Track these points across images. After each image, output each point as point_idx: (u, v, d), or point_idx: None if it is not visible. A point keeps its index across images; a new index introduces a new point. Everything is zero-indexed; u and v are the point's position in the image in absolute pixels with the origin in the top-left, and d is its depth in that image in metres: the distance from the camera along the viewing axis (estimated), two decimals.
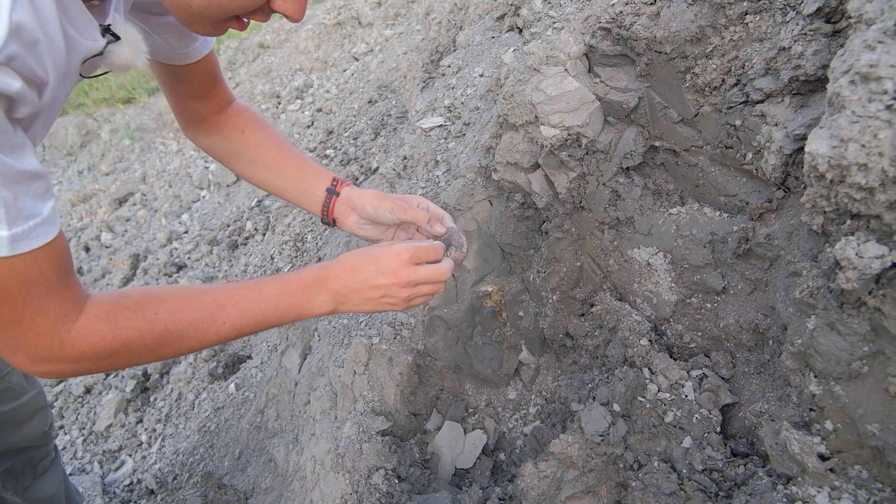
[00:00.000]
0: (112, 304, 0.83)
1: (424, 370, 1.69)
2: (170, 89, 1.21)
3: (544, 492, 1.35)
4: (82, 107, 6.76)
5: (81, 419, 2.66)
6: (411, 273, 0.97)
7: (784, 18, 1.16)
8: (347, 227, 1.21)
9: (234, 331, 0.92)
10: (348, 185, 1.21)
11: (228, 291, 0.92)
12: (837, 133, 0.85)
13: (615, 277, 1.61)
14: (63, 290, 0.78)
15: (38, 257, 0.73)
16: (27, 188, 0.70)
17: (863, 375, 0.97)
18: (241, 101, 1.30)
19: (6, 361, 1.43)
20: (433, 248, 1.01)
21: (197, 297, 0.89)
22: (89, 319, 0.80)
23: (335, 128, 3.70)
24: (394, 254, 0.96)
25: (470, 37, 2.37)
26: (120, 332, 0.81)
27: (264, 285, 0.95)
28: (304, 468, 1.59)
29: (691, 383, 1.36)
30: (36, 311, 0.75)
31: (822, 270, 1.01)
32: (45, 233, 0.73)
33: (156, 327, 0.84)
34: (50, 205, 0.74)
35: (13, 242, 0.69)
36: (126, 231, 4.36)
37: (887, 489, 0.99)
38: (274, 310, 0.94)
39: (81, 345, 0.79)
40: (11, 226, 0.68)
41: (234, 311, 0.90)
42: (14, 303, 0.73)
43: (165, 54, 1.10)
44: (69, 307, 0.78)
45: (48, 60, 0.69)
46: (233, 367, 2.63)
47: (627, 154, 1.49)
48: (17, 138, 0.69)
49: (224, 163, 1.30)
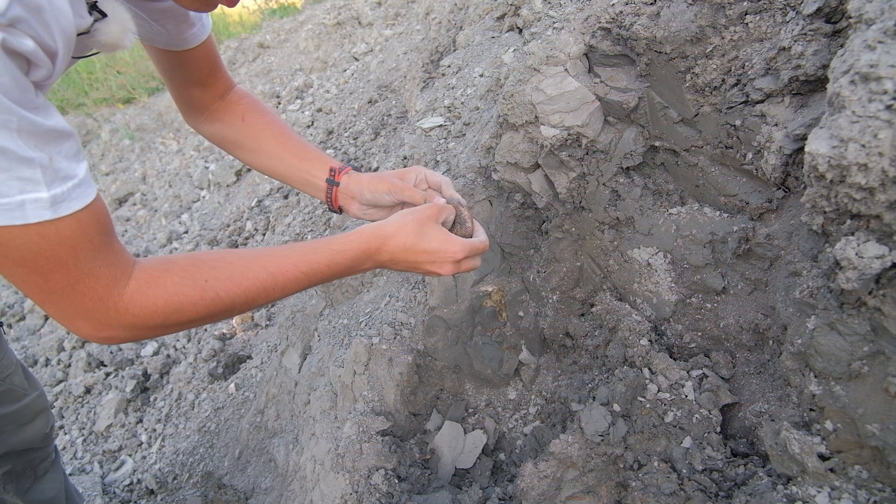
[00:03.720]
0: (160, 269, 0.82)
1: (424, 370, 1.69)
2: (170, 76, 1.21)
3: (544, 492, 1.35)
4: (82, 107, 6.75)
5: (81, 419, 2.66)
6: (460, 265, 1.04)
7: (784, 18, 1.16)
8: (353, 213, 1.23)
9: (283, 295, 0.94)
10: (346, 172, 1.22)
11: (278, 259, 0.92)
12: (837, 133, 0.85)
13: (615, 277, 1.61)
14: (110, 253, 0.77)
15: (82, 220, 0.71)
16: (59, 148, 0.69)
17: (863, 375, 0.97)
18: (241, 87, 1.31)
19: (6, 364, 1.45)
20: (482, 244, 1.08)
21: (246, 264, 0.89)
22: (139, 284, 0.79)
23: (335, 128, 3.70)
24: (451, 254, 1.01)
25: (470, 37, 2.37)
26: (171, 297, 0.81)
27: (313, 254, 0.95)
28: (304, 468, 1.59)
29: (691, 383, 1.36)
30: (88, 275, 0.74)
31: (822, 270, 1.01)
32: (85, 194, 0.72)
33: (206, 294, 0.84)
34: (84, 166, 0.73)
35: (55, 204, 0.67)
36: (126, 231, 4.36)
37: (887, 489, 0.99)
38: (322, 277, 0.97)
39: (136, 309, 0.78)
40: (50, 187, 0.67)
41: (284, 279, 0.91)
42: (66, 269, 0.72)
43: (163, 40, 1.10)
44: (118, 271, 0.78)
45: (55, 28, 0.68)
46: (233, 367, 2.63)
47: (627, 154, 1.49)
48: (38, 100, 0.68)
49: (226, 150, 1.31)
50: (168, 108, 5.95)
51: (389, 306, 1.80)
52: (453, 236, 1.04)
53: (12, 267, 0.70)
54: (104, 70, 6.98)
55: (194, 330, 2.92)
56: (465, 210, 1.13)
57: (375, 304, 1.87)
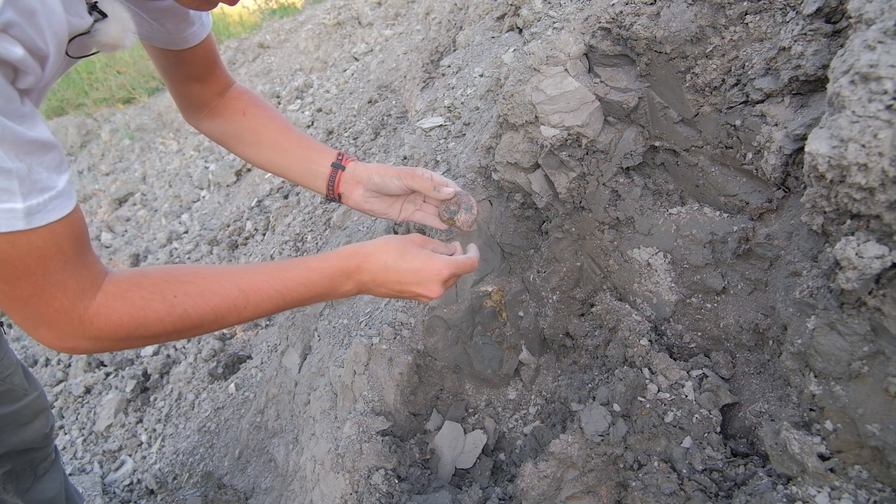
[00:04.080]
0: (130, 283, 0.82)
1: (424, 370, 1.69)
2: (169, 74, 1.21)
3: (544, 492, 1.35)
4: (82, 107, 6.76)
5: (81, 419, 2.66)
6: (446, 286, 1.01)
7: (784, 18, 1.16)
8: (353, 201, 1.21)
9: (255, 315, 0.92)
10: (353, 160, 1.21)
11: (250, 276, 0.90)
12: (837, 133, 0.85)
13: (615, 277, 1.61)
14: (80, 265, 0.76)
15: (55, 231, 0.71)
16: (40, 159, 0.68)
17: (863, 375, 0.97)
18: (240, 84, 1.30)
19: (6, 363, 1.45)
20: (469, 262, 1.04)
21: (217, 280, 0.88)
22: (106, 298, 0.79)
23: (335, 128, 3.70)
24: (436, 271, 0.99)
25: (470, 37, 2.37)
26: (137, 312, 0.80)
27: (287, 271, 0.93)
28: (304, 468, 1.59)
29: (691, 383, 1.36)
30: (55, 286, 0.74)
31: (822, 270, 1.01)
32: (61, 206, 0.71)
33: (174, 310, 0.83)
34: (65, 178, 0.72)
35: (29, 215, 0.67)
36: (126, 231, 4.37)
37: (887, 489, 0.99)
38: (297, 297, 0.94)
39: (100, 323, 0.78)
40: (26, 198, 0.66)
41: (256, 297, 0.90)
42: (33, 278, 0.72)
43: (163, 39, 1.10)
44: (87, 283, 0.77)
45: (47, 31, 0.67)
46: (233, 367, 2.63)
47: (627, 154, 1.49)
48: (24, 108, 0.68)
49: (227, 146, 1.30)
50: (168, 108, 5.96)
51: (389, 306, 1.80)
52: (437, 255, 1.01)
53: None
54: (104, 70, 6.98)
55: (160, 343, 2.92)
56: (474, 200, 1.12)
57: (375, 304, 1.87)
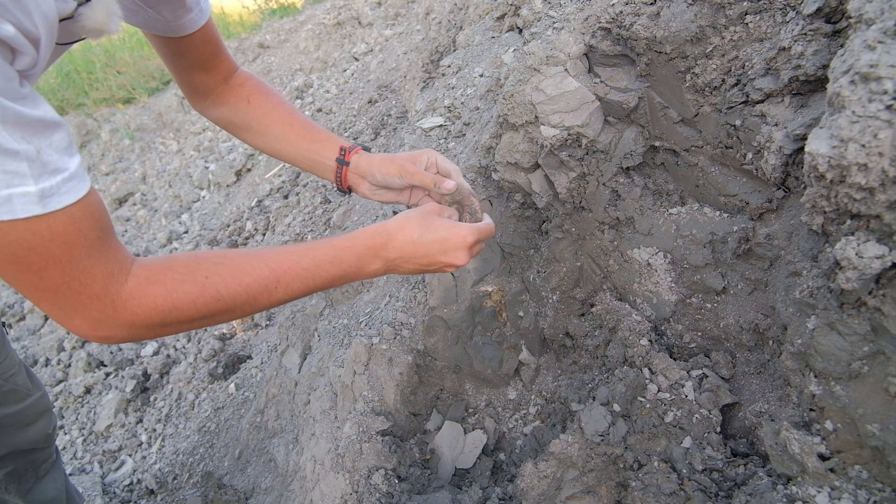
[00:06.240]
0: (160, 266, 0.81)
1: (424, 370, 1.69)
2: (171, 62, 1.20)
3: (544, 492, 1.35)
4: (82, 107, 6.75)
5: (81, 419, 2.66)
6: (472, 253, 1.03)
7: (784, 18, 1.16)
8: (362, 193, 1.22)
9: (286, 297, 0.91)
10: (357, 151, 1.21)
11: (279, 256, 0.90)
12: (837, 133, 0.85)
13: (615, 277, 1.61)
14: (106, 250, 0.75)
15: (74, 216, 0.69)
16: (48, 140, 0.66)
17: (863, 375, 0.97)
18: (245, 70, 1.30)
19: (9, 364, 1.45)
20: (490, 227, 1.07)
21: (248, 260, 0.87)
22: (138, 281, 0.77)
23: (335, 128, 3.70)
24: (461, 238, 1.00)
25: (470, 37, 2.37)
26: (170, 295, 0.79)
27: (316, 250, 0.93)
28: (304, 468, 1.59)
29: (691, 383, 1.36)
30: (83, 272, 0.72)
31: (822, 270, 1.01)
32: (76, 188, 0.69)
33: (207, 291, 0.81)
34: (77, 160, 0.70)
35: (43, 199, 0.65)
36: (126, 231, 4.36)
37: (887, 489, 0.99)
38: (326, 276, 0.94)
39: (134, 307, 0.76)
40: (38, 181, 0.64)
41: (287, 277, 0.89)
42: (60, 265, 0.70)
43: (161, 27, 1.09)
44: (115, 268, 0.75)
45: (35, 12, 0.65)
46: (233, 367, 2.63)
47: (627, 154, 1.49)
48: (24, 89, 0.66)
49: (234, 134, 1.30)
50: (168, 107, 5.96)
51: (389, 306, 1.80)
52: (459, 223, 1.02)
53: (4, 265, 0.68)
54: (104, 70, 6.98)
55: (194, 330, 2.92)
56: (476, 200, 1.12)
57: (375, 304, 1.87)
